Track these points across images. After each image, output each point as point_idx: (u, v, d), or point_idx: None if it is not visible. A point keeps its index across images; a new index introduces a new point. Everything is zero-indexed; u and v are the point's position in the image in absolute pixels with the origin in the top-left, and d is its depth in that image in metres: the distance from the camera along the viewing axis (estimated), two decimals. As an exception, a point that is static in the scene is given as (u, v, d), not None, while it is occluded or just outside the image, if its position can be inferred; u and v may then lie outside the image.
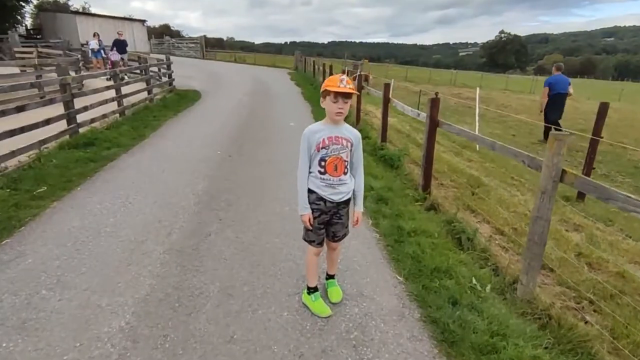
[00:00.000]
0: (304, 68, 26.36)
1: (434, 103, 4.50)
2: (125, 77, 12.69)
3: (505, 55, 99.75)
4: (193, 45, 37.86)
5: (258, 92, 15.41)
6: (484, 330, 2.26)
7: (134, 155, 5.97)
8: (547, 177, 2.40)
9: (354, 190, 2.39)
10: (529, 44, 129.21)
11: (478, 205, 4.68)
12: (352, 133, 2.31)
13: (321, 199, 2.29)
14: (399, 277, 2.91)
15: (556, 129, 8.32)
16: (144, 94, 10.39)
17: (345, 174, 2.28)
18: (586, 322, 2.61)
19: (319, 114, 10.01)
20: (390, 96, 7.27)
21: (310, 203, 2.31)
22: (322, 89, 2.20)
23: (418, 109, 9.21)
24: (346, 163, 2.26)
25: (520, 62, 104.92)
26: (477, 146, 9.02)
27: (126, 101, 9.14)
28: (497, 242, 3.85)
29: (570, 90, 9.54)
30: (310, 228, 2.33)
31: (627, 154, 10.14)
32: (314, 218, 2.33)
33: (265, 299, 2.55)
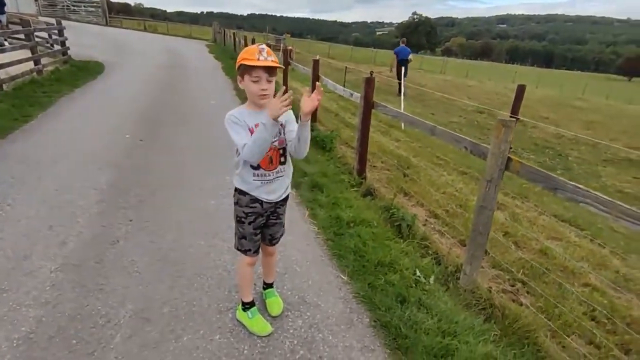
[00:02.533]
0: (223, 41, 24.74)
1: (369, 83, 4.29)
2: (5, 43, 10.53)
3: (418, 36, 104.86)
4: (93, 9, 33.25)
5: (174, 65, 13.99)
6: (435, 330, 2.14)
7: (15, 142, 4.87)
8: (494, 166, 2.31)
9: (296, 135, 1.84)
10: (438, 27, 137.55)
11: (410, 188, 4.67)
12: (285, 114, 1.85)
13: (256, 200, 1.91)
14: (342, 276, 2.68)
15: (403, 85, 12.25)
16: (30, 65, 8.68)
17: (282, 163, 1.89)
18: (522, 305, 2.66)
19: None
20: (319, 73, 6.95)
21: (243, 206, 1.92)
22: (237, 64, 1.71)
23: (344, 86, 9.04)
24: (281, 151, 1.87)
25: (430, 44, 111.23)
26: (402, 125, 9.21)
27: (4, 72, 7.52)
28: (432, 226, 3.85)
29: (410, 57, 14.41)
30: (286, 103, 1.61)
31: (528, 131, 11.26)
32: (249, 223, 1.94)
33: (191, 321, 2.13)
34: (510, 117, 5.84)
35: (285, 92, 1.61)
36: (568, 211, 4.59)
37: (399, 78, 13.06)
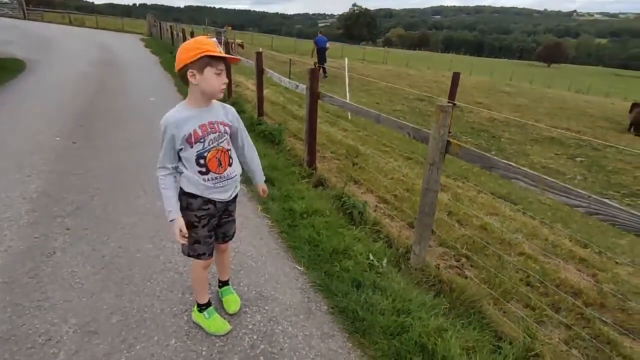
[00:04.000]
0: (160, 34, 23.47)
1: (314, 74, 4.31)
2: None
3: (359, 27, 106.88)
4: (7, 1, 29.91)
5: (107, 61, 13.05)
6: (390, 310, 2.23)
7: None
8: (435, 149, 2.44)
9: (251, 170, 2.05)
10: (377, 18, 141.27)
11: (360, 176, 4.79)
12: (227, 112, 1.85)
13: (209, 201, 1.84)
14: (299, 267, 2.70)
15: (324, 70, 15.39)
16: None
17: (231, 165, 1.86)
18: (467, 278, 2.86)
19: (181, 87, 8.95)
20: (263, 66, 6.84)
21: (195, 210, 1.83)
22: (192, 57, 1.59)
23: (289, 79, 8.99)
24: (230, 152, 1.84)
25: (371, 35, 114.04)
26: (349, 114, 9.39)
27: None
28: (382, 211, 3.98)
29: (328, 45, 16.89)
30: (184, 241, 1.80)
31: (465, 116, 11.97)
32: (203, 226, 1.88)
33: (143, 328, 2.04)
34: (448, 102, 6.19)
35: (230, 86, 1.63)
36: (503, 188, 4.98)
37: (320, 63, 16.20)
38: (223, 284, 2.29)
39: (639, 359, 2.21)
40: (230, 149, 1.85)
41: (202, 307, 2.07)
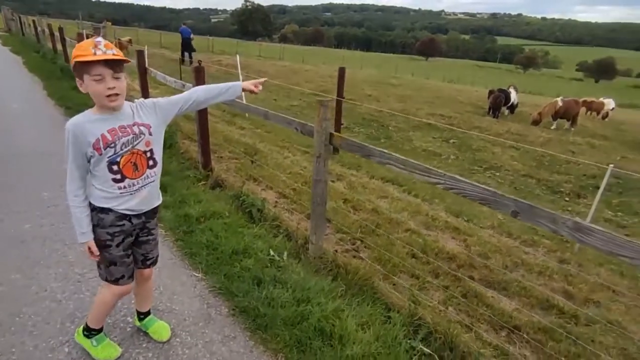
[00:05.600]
0: (21, 30, 20.10)
1: (199, 72, 4.15)
2: None
3: (254, 23, 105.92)
4: None
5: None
6: (290, 301, 2.30)
7: None
8: (320, 142, 2.57)
9: (218, 94, 1.94)
10: (271, 14, 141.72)
11: (259, 173, 4.80)
12: (140, 109, 1.65)
13: (124, 217, 1.66)
14: (197, 274, 2.62)
15: (191, 58, 15.96)
16: None
17: (150, 166, 1.67)
18: (362, 259, 3.09)
19: (53, 90, 7.83)
20: (147, 65, 6.35)
21: (107, 227, 1.64)
22: (72, 65, 1.49)
23: (181, 79, 8.51)
24: (149, 153, 1.65)
25: (267, 31, 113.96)
26: (247, 113, 9.27)
27: None
28: (282, 206, 4.06)
29: (192, 35, 18.20)
30: (97, 258, 1.66)
31: (357, 108, 12.76)
32: (117, 245, 1.67)
33: (11, 371, 1.77)
34: (338, 98, 6.52)
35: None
36: (390, 172, 5.47)
37: (187, 51, 17.65)
38: (144, 315, 2.05)
39: (499, 306, 2.66)
40: (149, 150, 1.64)
41: (91, 332, 1.87)
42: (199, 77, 4.16)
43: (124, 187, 1.61)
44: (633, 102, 35.56)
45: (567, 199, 6.35)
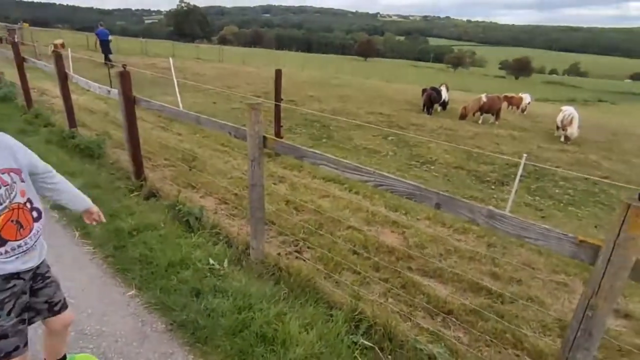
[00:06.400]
0: None
1: (124, 77, 3.90)
2: None
3: (190, 24, 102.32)
4: None
5: None
6: (231, 309, 2.26)
7: None
8: (253, 146, 2.54)
9: (67, 200, 1.64)
10: (209, 15, 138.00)
11: (198, 180, 4.64)
12: (7, 150, 1.39)
13: (12, 277, 1.42)
14: (130, 290, 2.46)
15: (110, 61, 15.50)
16: None
17: (37, 219, 1.45)
18: (305, 261, 3.11)
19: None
20: (69, 70, 5.88)
21: None
22: None
23: (111, 84, 7.99)
24: (29, 204, 1.42)
25: (205, 32, 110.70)
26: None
27: None
28: (223, 212, 3.96)
29: (110, 37, 17.92)
30: None
31: (298, 109, 12.81)
32: (8, 313, 1.41)
33: None
34: (276, 103, 6.50)
35: (28, 95, 1.28)
36: (332, 171, 5.57)
37: (105, 53, 17.18)
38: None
39: (434, 293, 2.81)
40: (27, 200, 1.42)
41: None
42: (125, 83, 3.92)
43: (6, 252, 1.37)
44: (547, 96, 39.49)
45: (493, 187, 6.89)
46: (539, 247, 3.81)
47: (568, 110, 11.44)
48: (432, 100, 13.97)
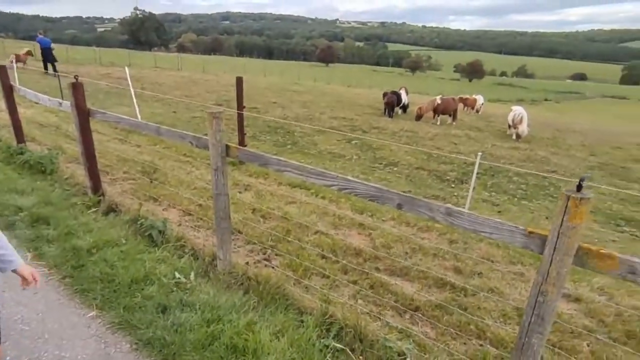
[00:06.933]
0: None
1: (77, 89, 3.74)
2: None
3: (147, 32, 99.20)
4: None
5: None
6: (200, 323, 2.21)
7: None
8: (216, 155, 2.51)
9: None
10: (165, 23, 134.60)
11: (160, 192, 4.51)
12: None
13: None
14: (90, 312, 2.35)
15: (55, 70, 15.68)
16: None
17: None
18: (273, 268, 3.10)
19: None
20: (14, 82, 5.54)
21: None
22: None
23: (62, 96, 7.60)
24: None
25: (162, 40, 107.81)
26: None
27: None
28: (188, 224, 3.87)
29: (53, 46, 17.20)
30: None
31: (261, 117, 12.76)
32: None
33: None
34: (239, 112, 6.45)
35: None
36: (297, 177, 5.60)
37: (49, 62, 16.68)
38: None
39: (401, 292, 2.89)
40: None
41: None
42: (78, 95, 3.76)
43: None
44: (498, 97, 41.70)
45: (453, 185, 7.18)
46: (496, 241, 4.03)
47: (518, 110, 12.15)
48: (392, 104, 14.37)
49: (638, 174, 8.79)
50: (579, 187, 1.39)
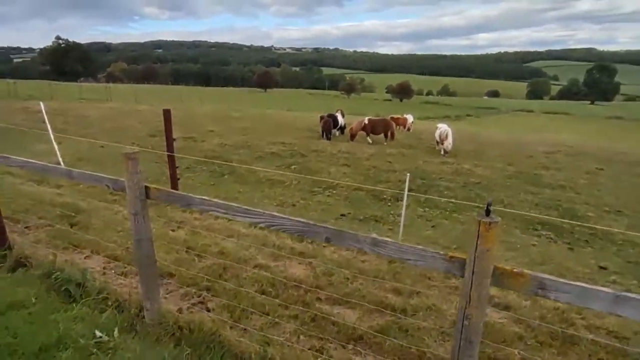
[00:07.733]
0: None
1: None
2: None
3: (71, 62, 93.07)
4: None
5: None
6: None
7: None
8: (134, 198, 2.34)
9: None
10: (92, 52, 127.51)
11: (82, 238, 4.11)
12: None
13: None
14: (-15, 394, 2.01)
15: None
16: None
17: None
18: (209, 311, 2.92)
19: None
20: None
21: None
22: None
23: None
24: None
25: (89, 70, 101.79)
26: (62, 164, 7.90)
27: None
28: (113, 271, 3.54)
29: None
30: None
31: (198, 146, 12.37)
32: None
33: None
34: (168, 142, 6.18)
35: None
36: (222, 216, 5.44)
37: None
38: None
39: (343, 321, 2.84)
40: None
41: None
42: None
43: None
44: (427, 115, 44.71)
45: (389, 204, 7.43)
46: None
47: (443, 127, 13.06)
48: (328, 126, 14.73)
49: (547, 180, 9.78)
50: (488, 212, 1.47)
